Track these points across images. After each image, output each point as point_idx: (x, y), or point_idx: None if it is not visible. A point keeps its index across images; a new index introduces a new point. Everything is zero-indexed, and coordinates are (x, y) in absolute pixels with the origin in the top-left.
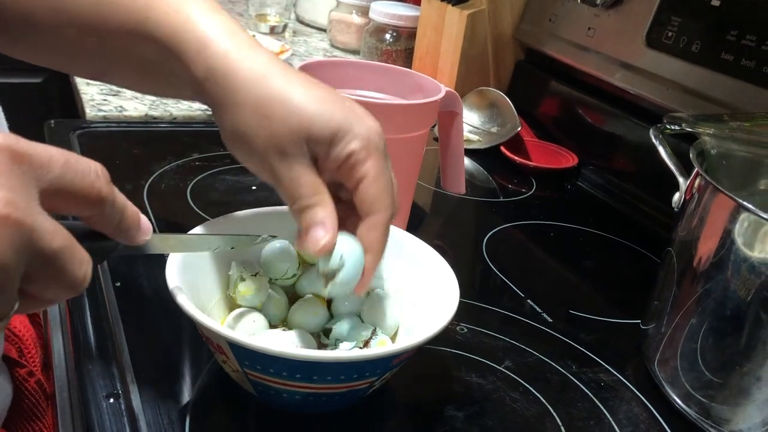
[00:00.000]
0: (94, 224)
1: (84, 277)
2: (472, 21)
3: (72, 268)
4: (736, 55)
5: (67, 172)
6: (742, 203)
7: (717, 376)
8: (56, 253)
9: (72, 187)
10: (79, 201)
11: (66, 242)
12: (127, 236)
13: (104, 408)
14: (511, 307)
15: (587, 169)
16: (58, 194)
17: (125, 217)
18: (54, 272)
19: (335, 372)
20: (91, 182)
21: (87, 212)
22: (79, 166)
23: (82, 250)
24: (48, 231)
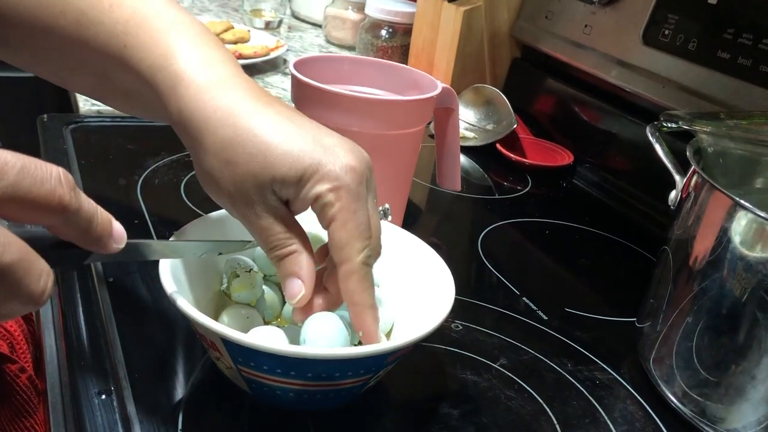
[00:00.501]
0: (59, 233)
1: (43, 290)
2: (468, 18)
3: (28, 282)
4: (733, 53)
5: (23, 179)
6: (739, 201)
7: (712, 374)
8: (9, 267)
9: (29, 195)
10: (38, 209)
11: (20, 255)
12: (98, 245)
13: (96, 405)
14: (507, 304)
15: (583, 167)
16: (14, 202)
17: (94, 224)
18: (9, 287)
19: (329, 369)
20: (51, 189)
21: (48, 221)
22: (38, 172)
23: (41, 263)
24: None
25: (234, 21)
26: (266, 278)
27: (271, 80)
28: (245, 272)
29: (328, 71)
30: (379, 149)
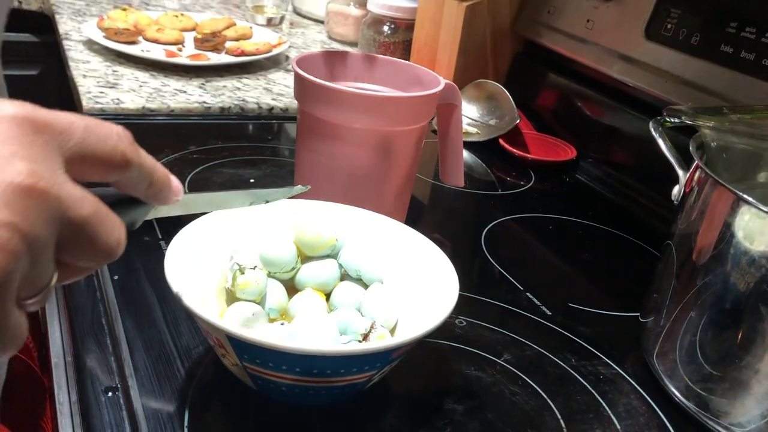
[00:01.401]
0: (124, 188)
1: (117, 242)
2: (470, 13)
3: (104, 234)
4: (736, 47)
5: (88, 136)
6: (742, 196)
7: (716, 369)
8: (86, 220)
9: (95, 151)
10: (104, 165)
11: (95, 209)
12: (159, 197)
13: (103, 402)
14: (510, 300)
15: (586, 162)
16: (83, 161)
17: (155, 178)
18: (86, 240)
19: (334, 366)
20: (113, 145)
21: (114, 176)
22: (101, 129)
23: (114, 216)
24: (76, 199)
25: (236, 18)
26: (271, 275)
27: (273, 77)
28: (250, 269)
29: (331, 68)
30: (382, 146)
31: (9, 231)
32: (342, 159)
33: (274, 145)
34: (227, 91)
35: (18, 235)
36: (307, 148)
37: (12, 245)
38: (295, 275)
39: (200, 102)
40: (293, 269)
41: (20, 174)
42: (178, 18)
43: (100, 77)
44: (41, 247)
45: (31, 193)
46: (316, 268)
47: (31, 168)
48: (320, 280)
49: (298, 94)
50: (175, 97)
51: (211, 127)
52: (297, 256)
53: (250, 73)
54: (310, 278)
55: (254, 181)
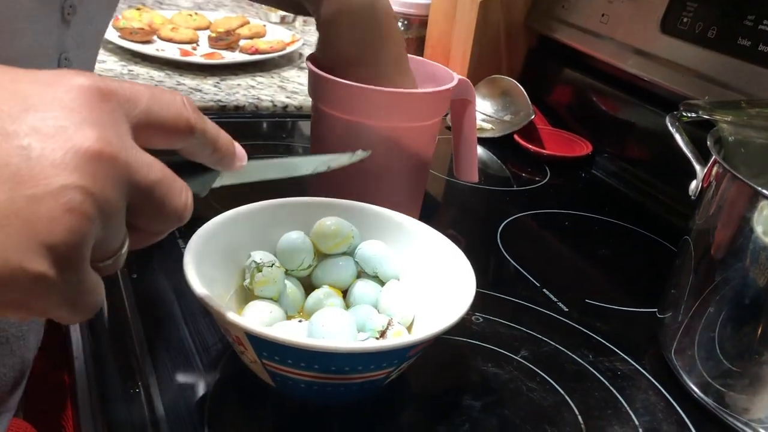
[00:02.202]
0: (190, 155)
1: (185, 205)
2: (484, 8)
3: (172, 198)
4: (754, 40)
5: (153, 104)
6: (761, 191)
7: (735, 365)
8: (154, 184)
9: (160, 118)
10: (169, 132)
11: (162, 173)
12: (224, 163)
13: (123, 399)
14: (527, 296)
15: (601, 157)
16: (149, 127)
17: (219, 144)
18: (155, 203)
19: (352, 362)
20: (178, 112)
21: (180, 143)
22: (165, 97)
23: (180, 181)
24: (144, 164)
25: (249, 16)
26: (288, 273)
27: (287, 75)
28: (267, 267)
29: None
30: (396, 142)
31: (81, 194)
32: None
33: (289, 143)
34: (242, 90)
35: (90, 198)
36: (321, 144)
37: (84, 208)
38: (312, 273)
39: (215, 100)
40: (310, 267)
41: (89, 139)
42: (192, 17)
43: (116, 77)
44: (112, 211)
45: (101, 157)
46: (333, 265)
47: (100, 134)
48: (337, 278)
49: (312, 91)
50: (190, 96)
51: (225, 125)
52: (314, 253)
53: (264, 71)
54: (327, 276)
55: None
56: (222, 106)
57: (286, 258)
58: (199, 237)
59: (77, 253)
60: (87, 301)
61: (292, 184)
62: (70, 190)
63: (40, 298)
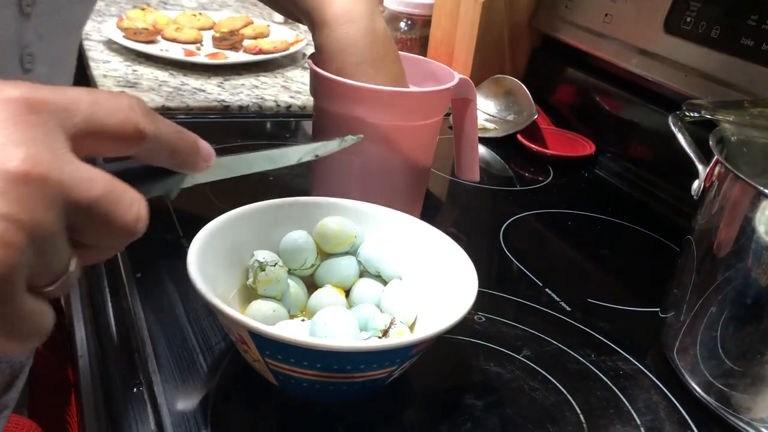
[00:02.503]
0: (147, 160)
1: (136, 219)
2: (487, 8)
3: (120, 213)
4: (757, 40)
5: (95, 111)
6: (763, 191)
7: (737, 364)
8: (97, 200)
9: (104, 126)
10: (116, 139)
11: (106, 188)
12: (187, 166)
13: (127, 397)
14: (529, 296)
15: (605, 157)
16: (92, 136)
17: (178, 147)
18: (100, 220)
19: (354, 361)
20: (124, 117)
21: (131, 150)
22: (109, 101)
23: (130, 192)
24: (82, 179)
25: (253, 16)
26: (291, 272)
27: (291, 75)
28: (270, 267)
29: None
30: (397, 141)
31: (6, 222)
32: (357, 154)
33: (293, 143)
34: (245, 90)
35: (16, 226)
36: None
37: (10, 237)
38: (315, 272)
39: (219, 100)
40: (313, 266)
41: (14, 159)
42: (196, 17)
43: (120, 77)
44: (47, 235)
45: (27, 179)
46: (335, 264)
47: (27, 153)
48: (340, 277)
49: (313, 90)
50: (194, 96)
51: (229, 125)
52: (317, 253)
53: (268, 71)
54: (329, 275)
55: (272, 178)
56: (226, 106)
57: (289, 257)
58: (202, 236)
59: (5, 285)
60: (25, 331)
61: (295, 184)
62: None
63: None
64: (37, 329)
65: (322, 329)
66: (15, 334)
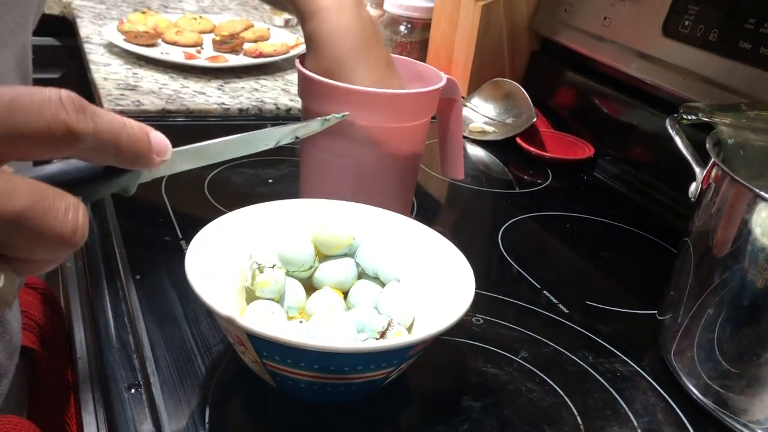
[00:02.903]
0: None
1: (73, 228)
2: (486, 12)
3: (51, 224)
4: (755, 43)
5: (14, 112)
6: (760, 193)
7: (734, 366)
8: (21, 213)
9: (28, 128)
10: (44, 142)
11: (31, 198)
12: (137, 162)
13: (126, 398)
14: (528, 298)
15: (603, 160)
16: (15, 141)
17: (122, 143)
18: (29, 234)
19: (352, 363)
20: (51, 117)
21: (65, 152)
22: (34, 98)
23: (64, 199)
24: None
25: (254, 19)
26: (289, 274)
27: (291, 78)
28: (269, 268)
29: None
30: (385, 142)
31: None
32: (345, 156)
33: (293, 146)
34: (245, 93)
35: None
36: (311, 145)
37: None
38: (313, 274)
39: (219, 103)
40: (311, 268)
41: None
42: (196, 20)
43: (121, 80)
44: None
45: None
46: (333, 266)
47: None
48: (338, 279)
49: (301, 92)
50: (194, 99)
51: (230, 128)
52: (315, 255)
53: (268, 75)
54: (327, 277)
55: (272, 181)
56: (226, 109)
57: (287, 259)
58: (201, 238)
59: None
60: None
61: (293, 187)
62: None
63: None
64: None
65: (320, 331)
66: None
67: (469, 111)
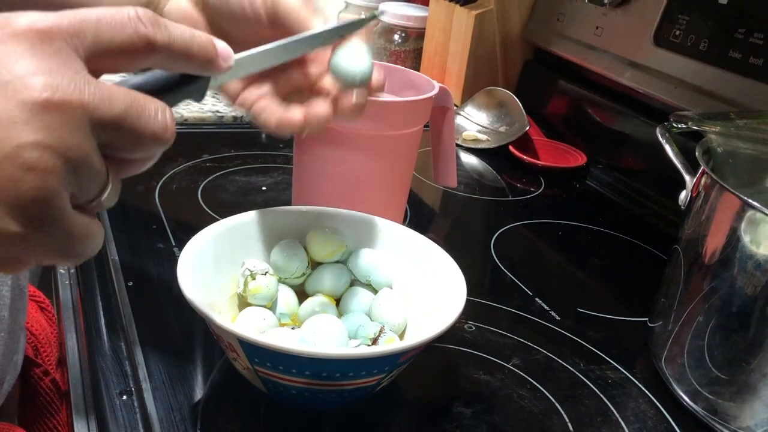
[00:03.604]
0: (166, 68)
1: (165, 127)
2: (480, 21)
3: (146, 123)
4: (744, 53)
5: (102, 30)
6: (748, 201)
7: (724, 373)
8: (121, 116)
9: (114, 43)
10: (129, 53)
11: (127, 102)
12: (208, 68)
13: (117, 405)
14: (520, 305)
15: (595, 168)
16: (105, 55)
17: (193, 51)
18: (129, 133)
19: (344, 369)
20: (133, 31)
21: (146, 62)
22: (115, 18)
23: (153, 102)
24: (104, 97)
25: None
26: (282, 281)
27: None
28: (261, 275)
29: None
30: (378, 150)
31: (38, 150)
32: (338, 163)
33: (287, 153)
34: None
35: (48, 152)
36: (303, 152)
37: (44, 163)
38: (306, 281)
39: (213, 111)
40: (303, 275)
41: (35, 90)
42: None
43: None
44: (79, 156)
45: (49, 106)
46: (326, 273)
47: (45, 81)
48: (330, 286)
49: None
50: (189, 107)
51: (224, 135)
52: (307, 261)
53: None
54: (320, 283)
55: (265, 188)
56: (220, 117)
57: (279, 266)
58: (193, 244)
59: (48, 208)
60: (78, 247)
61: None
62: (25, 149)
63: (28, 252)
64: (89, 245)
65: (312, 337)
66: (70, 250)
67: (462, 119)
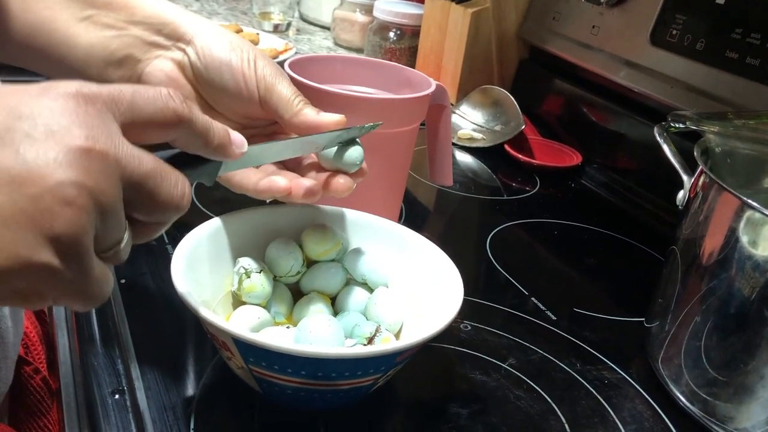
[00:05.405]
0: (184, 146)
1: (182, 195)
2: (475, 19)
3: (166, 189)
4: (741, 53)
5: (137, 100)
6: (747, 201)
7: (721, 374)
8: (146, 176)
9: (146, 113)
10: (157, 125)
11: (153, 165)
12: (222, 152)
13: (109, 404)
14: (515, 305)
15: (591, 168)
16: (137, 123)
17: (211, 134)
18: (149, 194)
19: (339, 369)
20: (163, 104)
21: (171, 135)
22: (149, 92)
23: (175, 172)
24: (134, 157)
25: (243, 24)
26: (277, 279)
27: None
28: (256, 273)
29: (324, 71)
30: (374, 148)
31: (77, 188)
32: None
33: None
34: None
35: (85, 192)
36: None
37: (81, 201)
38: (301, 279)
39: None
40: (299, 273)
41: (79, 138)
42: None
43: None
44: (108, 202)
45: (91, 154)
46: (321, 272)
47: (88, 133)
48: (326, 284)
49: None
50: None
51: None
52: (302, 260)
53: None
54: (315, 282)
55: None
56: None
57: (274, 264)
58: (187, 242)
59: (79, 243)
60: (95, 290)
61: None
62: (66, 186)
63: (50, 286)
64: (103, 290)
65: (307, 336)
66: (88, 291)
67: (457, 118)
